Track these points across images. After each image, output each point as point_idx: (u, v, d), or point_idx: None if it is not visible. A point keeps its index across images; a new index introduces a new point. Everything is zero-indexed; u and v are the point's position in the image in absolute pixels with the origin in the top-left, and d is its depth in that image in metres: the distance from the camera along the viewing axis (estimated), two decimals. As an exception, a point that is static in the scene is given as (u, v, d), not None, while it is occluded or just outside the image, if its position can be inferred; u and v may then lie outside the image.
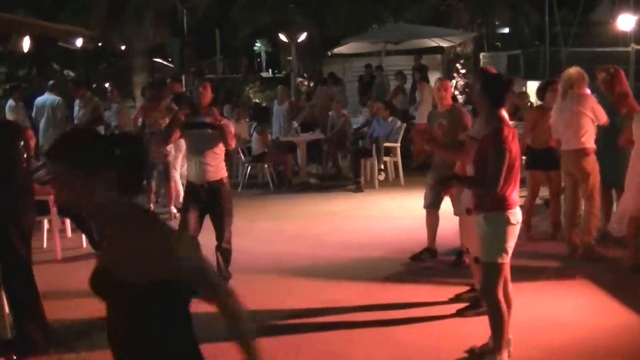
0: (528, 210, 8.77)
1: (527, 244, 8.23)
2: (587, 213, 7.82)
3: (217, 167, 6.77)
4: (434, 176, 7.53)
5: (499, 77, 5.27)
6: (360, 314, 6.35)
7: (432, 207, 7.70)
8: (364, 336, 5.86)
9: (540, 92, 8.90)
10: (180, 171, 10.82)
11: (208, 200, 6.75)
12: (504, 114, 5.03)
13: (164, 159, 10.61)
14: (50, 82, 14.08)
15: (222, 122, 6.74)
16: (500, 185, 4.81)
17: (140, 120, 10.98)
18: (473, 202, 5.17)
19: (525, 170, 8.61)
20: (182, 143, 10.11)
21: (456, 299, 6.44)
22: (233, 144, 6.96)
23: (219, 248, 6.80)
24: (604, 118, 7.72)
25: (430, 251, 7.83)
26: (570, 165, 7.83)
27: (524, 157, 8.07)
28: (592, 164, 7.71)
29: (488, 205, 4.95)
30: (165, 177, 10.76)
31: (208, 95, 6.92)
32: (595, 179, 7.74)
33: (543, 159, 8.54)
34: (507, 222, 4.91)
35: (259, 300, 6.72)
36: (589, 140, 7.70)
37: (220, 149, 6.79)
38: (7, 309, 5.72)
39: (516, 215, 4.97)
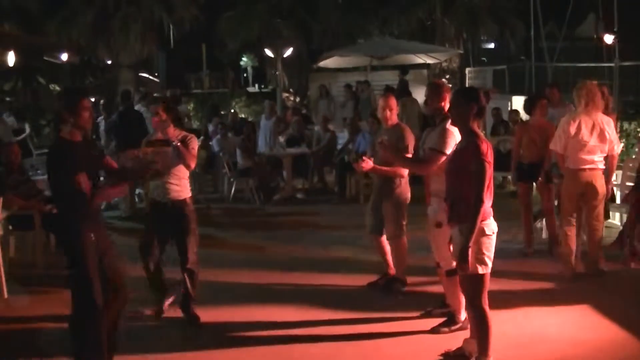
0: (528, 228, 8.69)
1: (514, 259, 8.26)
2: (594, 230, 7.61)
3: (181, 186, 6.57)
4: (373, 200, 7.50)
5: (477, 91, 5.32)
6: (339, 327, 6.35)
7: (373, 232, 7.50)
8: (341, 348, 5.87)
9: (528, 106, 8.69)
10: None
11: (172, 220, 6.56)
12: (477, 128, 5.10)
13: None
14: None
15: (176, 143, 6.45)
16: (484, 198, 4.88)
17: None
18: (447, 215, 5.21)
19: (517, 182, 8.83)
20: None
21: (427, 314, 6.45)
22: (193, 164, 6.61)
23: (184, 270, 6.56)
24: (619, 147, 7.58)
25: (386, 277, 7.50)
26: (590, 185, 7.45)
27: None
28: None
29: (462, 217, 4.98)
30: None
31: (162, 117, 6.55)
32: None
33: (529, 173, 8.47)
34: (482, 233, 4.95)
35: (241, 311, 6.84)
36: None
37: (181, 170, 6.55)
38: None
39: (491, 225, 5.01)
